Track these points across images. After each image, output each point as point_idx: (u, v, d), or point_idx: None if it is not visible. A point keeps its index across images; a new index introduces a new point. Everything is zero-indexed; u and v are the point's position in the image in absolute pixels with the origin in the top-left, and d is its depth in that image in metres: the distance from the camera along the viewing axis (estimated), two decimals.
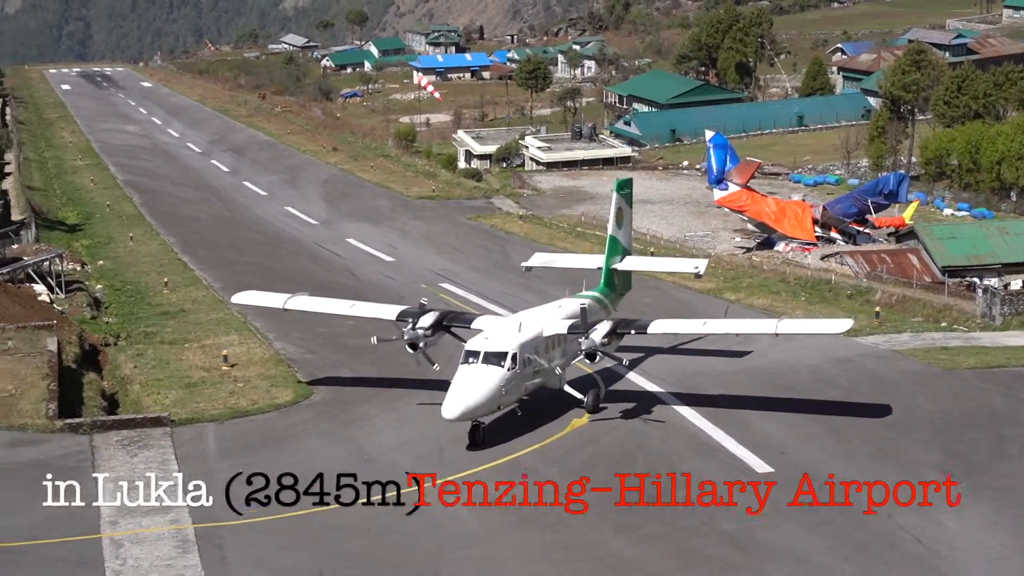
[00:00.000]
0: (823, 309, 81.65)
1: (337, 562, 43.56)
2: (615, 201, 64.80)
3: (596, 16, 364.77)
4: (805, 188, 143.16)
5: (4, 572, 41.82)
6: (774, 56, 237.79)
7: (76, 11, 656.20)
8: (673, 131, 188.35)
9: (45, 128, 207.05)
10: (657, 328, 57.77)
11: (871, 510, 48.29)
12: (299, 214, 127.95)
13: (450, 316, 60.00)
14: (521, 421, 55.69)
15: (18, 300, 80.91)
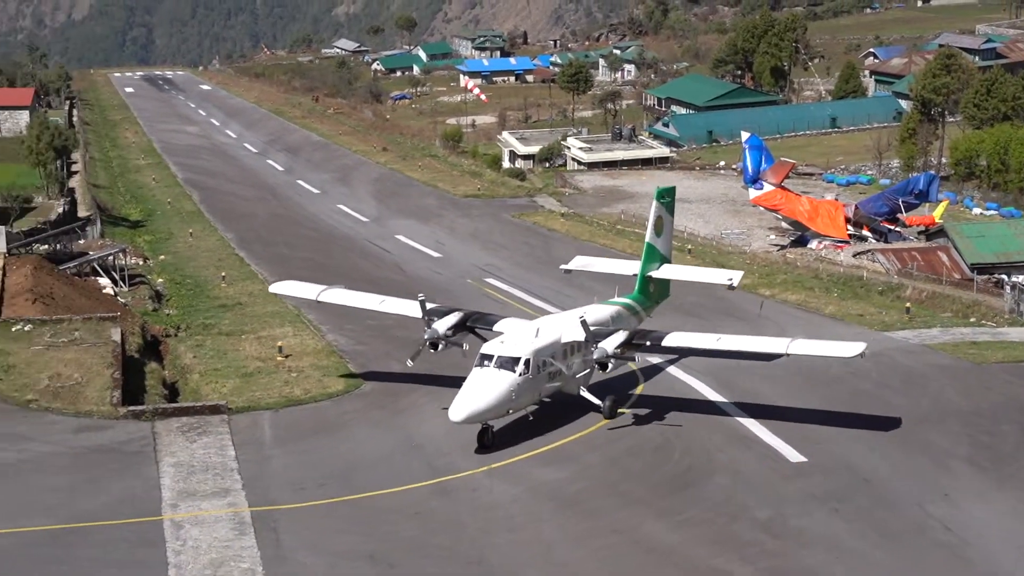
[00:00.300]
0: (855, 305, 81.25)
1: (388, 544, 43.60)
2: (654, 209, 62.87)
3: (636, 21, 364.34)
4: (838, 188, 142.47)
5: (72, 551, 42.04)
6: (808, 60, 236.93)
7: (140, 17, 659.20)
8: (710, 132, 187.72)
9: (110, 129, 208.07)
10: (672, 341, 55.74)
11: (901, 499, 48.23)
12: (350, 211, 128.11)
13: (474, 317, 58.50)
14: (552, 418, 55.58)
15: (84, 293, 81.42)
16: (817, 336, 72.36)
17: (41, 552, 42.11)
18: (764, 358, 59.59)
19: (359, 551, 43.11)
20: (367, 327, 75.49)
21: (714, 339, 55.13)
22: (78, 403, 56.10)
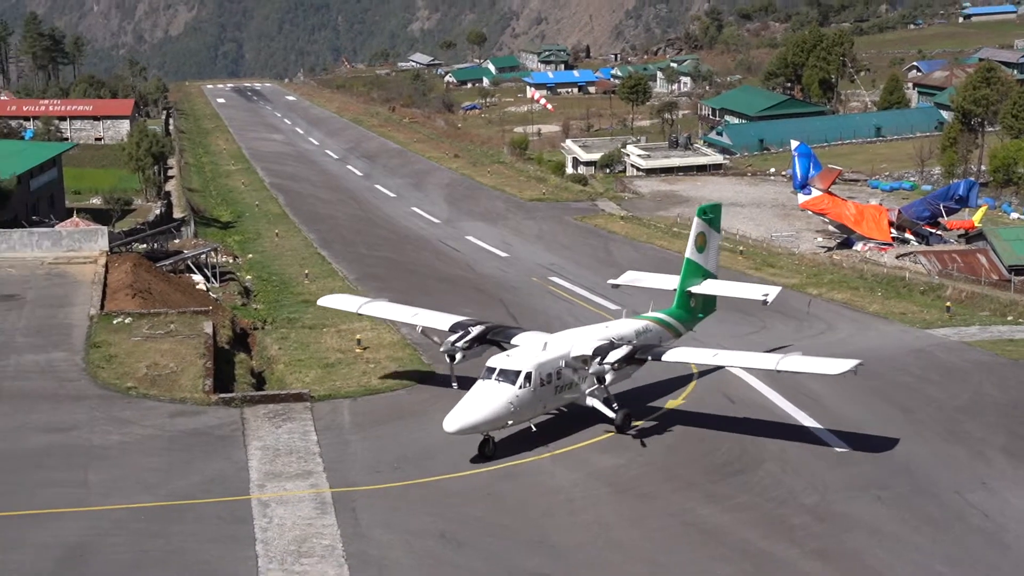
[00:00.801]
0: (898, 304, 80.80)
1: (457, 524, 43.77)
2: (696, 225, 59.56)
3: (692, 37, 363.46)
4: (882, 193, 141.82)
5: (168, 527, 42.45)
6: (854, 73, 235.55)
7: (230, 33, 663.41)
8: (761, 141, 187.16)
9: (203, 137, 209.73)
10: (671, 356, 52.40)
11: (940, 487, 48.03)
12: (424, 214, 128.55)
13: (494, 331, 55.09)
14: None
15: (179, 288, 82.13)
16: (863, 331, 72.47)
17: (141, 527, 42.58)
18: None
19: (431, 530, 43.31)
20: None
21: (711, 355, 52.61)
22: (173, 390, 56.63)
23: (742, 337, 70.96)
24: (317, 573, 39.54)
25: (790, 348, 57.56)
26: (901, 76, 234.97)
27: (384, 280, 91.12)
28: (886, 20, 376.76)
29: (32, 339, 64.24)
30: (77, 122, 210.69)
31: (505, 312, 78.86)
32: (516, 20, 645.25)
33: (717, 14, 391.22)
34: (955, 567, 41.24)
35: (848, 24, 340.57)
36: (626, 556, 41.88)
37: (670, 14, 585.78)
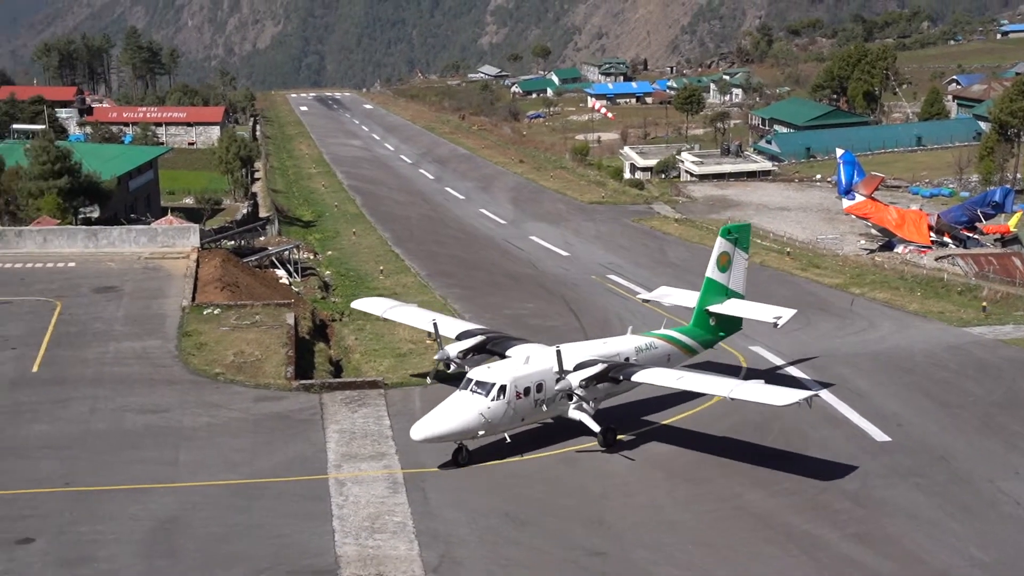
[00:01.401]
0: (936, 303, 79.98)
1: (520, 504, 43.81)
2: (718, 245, 56.48)
3: (743, 51, 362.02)
4: (922, 199, 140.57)
5: (253, 502, 42.74)
6: (897, 86, 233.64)
7: (313, 46, 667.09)
8: (808, 149, 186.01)
9: (287, 142, 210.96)
10: (640, 377, 48.52)
11: (975, 476, 47.65)
12: (491, 215, 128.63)
13: (494, 341, 52.18)
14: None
15: (264, 282, 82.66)
16: (902, 328, 71.84)
17: (228, 502, 42.95)
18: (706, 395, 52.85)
19: (495, 509, 43.37)
20: (504, 316, 75.79)
21: (675, 377, 48.27)
22: (258, 376, 57.00)
23: (788, 333, 70.36)
24: (389, 548, 39.68)
25: (752, 377, 55.21)
26: (941, 89, 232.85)
27: (454, 276, 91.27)
28: (927, 36, 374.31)
29: (130, 328, 64.87)
30: (172, 128, 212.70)
31: (566, 307, 78.79)
32: (579, 35, 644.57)
33: (768, 30, 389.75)
34: (988, 551, 41.00)
35: (891, 40, 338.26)
36: (679, 537, 41.79)
37: (723, 29, 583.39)
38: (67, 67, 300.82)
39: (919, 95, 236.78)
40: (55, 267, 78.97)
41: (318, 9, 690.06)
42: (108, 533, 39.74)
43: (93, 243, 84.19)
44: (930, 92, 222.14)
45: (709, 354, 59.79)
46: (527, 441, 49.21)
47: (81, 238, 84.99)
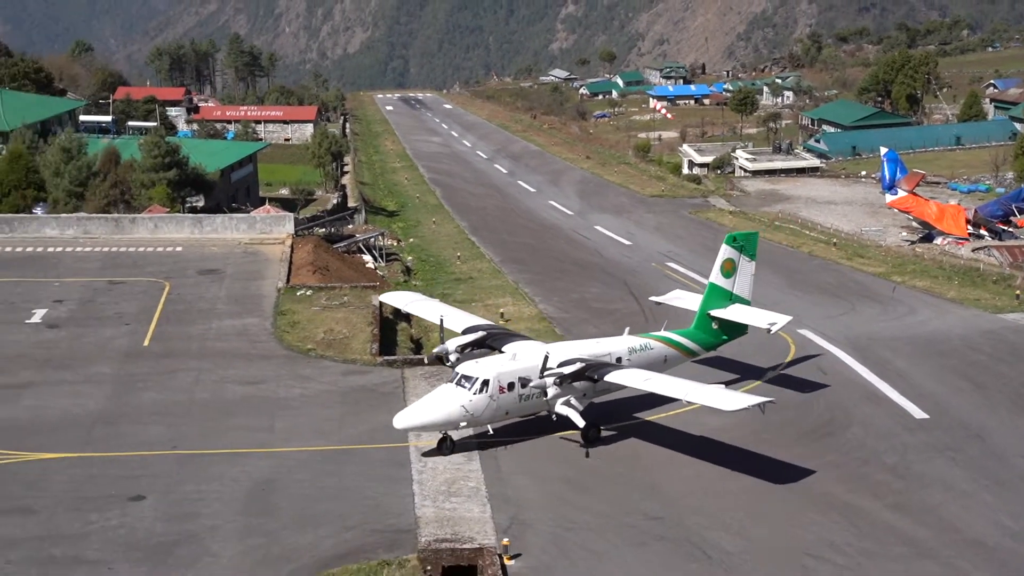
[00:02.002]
0: (972, 291, 78.91)
1: (581, 472, 43.96)
2: (722, 252, 53.78)
3: (795, 56, 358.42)
4: (960, 195, 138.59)
5: (341, 467, 43.12)
6: (938, 89, 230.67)
7: (398, 51, 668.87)
8: (854, 147, 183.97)
9: (373, 139, 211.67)
10: (613, 377, 45.56)
11: (1007, 452, 47.23)
12: (559, 206, 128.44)
13: (493, 337, 49.17)
14: None
15: (351, 266, 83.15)
16: (940, 314, 71.11)
17: (318, 466, 43.43)
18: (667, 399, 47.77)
19: (559, 476, 43.55)
20: (571, 300, 75.81)
21: (643, 379, 45.04)
22: (345, 352, 57.41)
23: (834, 317, 70.05)
24: (464, 510, 39.92)
25: (710, 382, 49.04)
26: (979, 92, 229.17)
27: (524, 263, 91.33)
28: (967, 43, 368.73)
29: (230, 307, 65.60)
30: (270, 125, 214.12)
31: (628, 292, 78.57)
32: (642, 41, 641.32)
33: (817, 37, 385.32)
34: (1018, 521, 40.85)
35: (933, 47, 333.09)
36: (729, 503, 41.74)
37: (776, 36, 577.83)
38: (177, 70, 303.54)
39: (958, 98, 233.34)
40: (164, 251, 79.92)
41: (403, 17, 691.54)
42: (210, 492, 40.29)
43: (198, 230, 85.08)
44: (969, 95, 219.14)
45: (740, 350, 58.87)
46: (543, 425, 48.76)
47: (188, 225, 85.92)
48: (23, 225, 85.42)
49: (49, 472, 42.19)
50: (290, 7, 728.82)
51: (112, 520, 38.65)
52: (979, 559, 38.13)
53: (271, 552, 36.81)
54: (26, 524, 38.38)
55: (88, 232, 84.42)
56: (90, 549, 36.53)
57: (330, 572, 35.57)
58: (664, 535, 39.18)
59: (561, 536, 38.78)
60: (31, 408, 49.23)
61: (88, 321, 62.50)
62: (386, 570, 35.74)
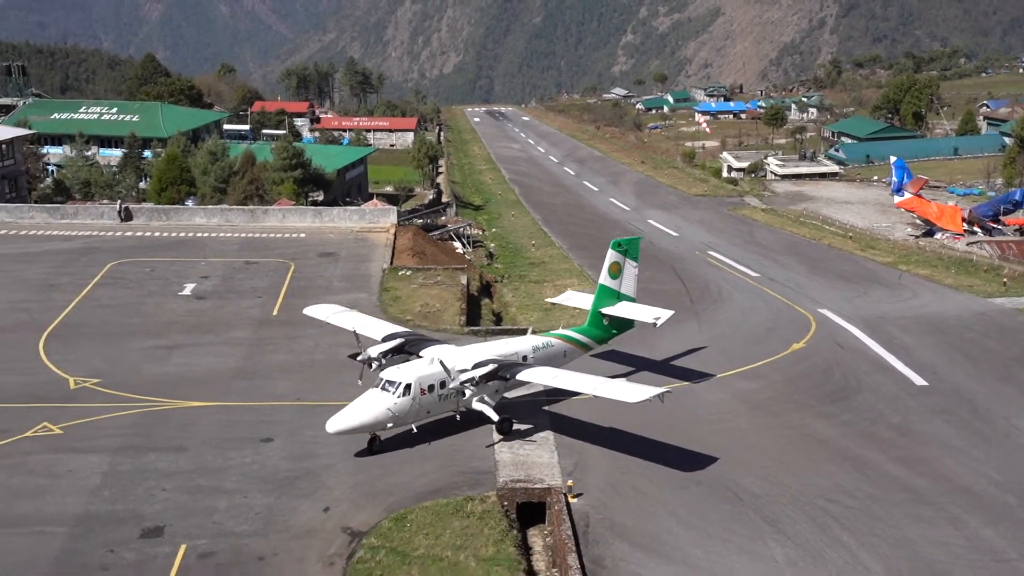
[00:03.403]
0: (966, 279, 77.38)
1: (633, 426, 43.71)
2: (609, 256, 48.69)
3: (819, 78, 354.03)
4: (957, 197, 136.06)
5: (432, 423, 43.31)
6: (939, 108, 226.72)
7: (485, 72, 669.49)
8: (867, 156, 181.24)
9: (463, 145, 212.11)
10: (523, 376, 41.55)
11: (993, 414, 46.42)
12: (618, 203, 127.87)
13: (411, 343, 44.28)
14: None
15: (444, 251, 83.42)
16: (939, 297, 69.87)
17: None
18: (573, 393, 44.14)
19: (615, 428, 43.45)
20: None
21: (551, 376, 41.20)
22: (438, 323, 57.49)
23: (849, 300, 69.03)
24: (535, 456, 39.92)
25: (618, 376, 46.65)
26: (974, 111, 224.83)
27: (588, 250, 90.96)
28: (964, 69, 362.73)
29: (344, 284, 66.03)
30: (378, 133, 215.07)
31: (675, 276, 78.02)
32: (689, 64, 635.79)
33: (838, 63, 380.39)
34: (1002, 472, 40.37)
35: (935, 72, 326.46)
36: (758, 455, 41.43)
37: (803, 62, 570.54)
38: (302, 87, 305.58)
39: (956, 115, 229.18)
40: (290, 237, 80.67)
41: (490, 44, 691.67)
42: (326, 437, 40.56)
43: (318, 219, 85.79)
44: (965, 113, 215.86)
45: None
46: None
47: (310, 215, 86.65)
48: (177, 214, 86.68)
49: (196, 417, 42.84)
50: (396, 35, 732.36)
51: (247, 458, 39.17)
52: (968, 504, 37.60)
53: (375, 487, 37.05)
54: (178, 460, 39.01)
55: (229, 220, 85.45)
56: (229, 481, 37.06)
57: (424, 504, 35.77)
58: (702, 480, 38.95)
59: (616, 479, 38.68)
60: (181, 364, 49.99)
61: (228, 294, 63.28)
62: (470, 504, 35.86)
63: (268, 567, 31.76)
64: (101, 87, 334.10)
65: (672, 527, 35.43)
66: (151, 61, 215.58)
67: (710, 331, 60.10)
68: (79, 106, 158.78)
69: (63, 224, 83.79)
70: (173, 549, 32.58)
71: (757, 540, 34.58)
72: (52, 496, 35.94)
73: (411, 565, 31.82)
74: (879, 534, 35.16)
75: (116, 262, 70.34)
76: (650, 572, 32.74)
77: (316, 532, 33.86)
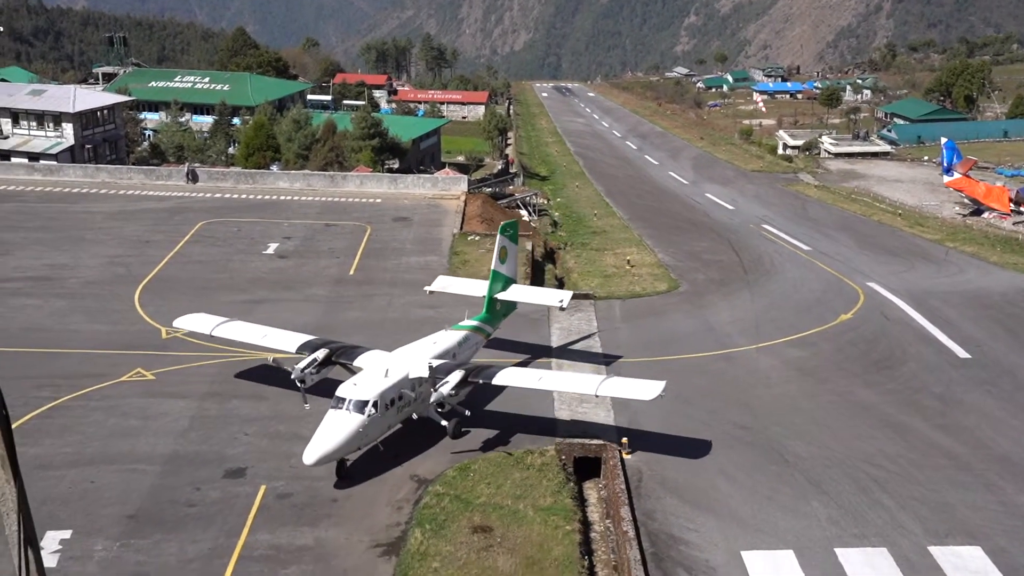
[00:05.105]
0: (1012, 257, 75.65)
1: (687, 389, 43.55)
2: (498, 241, 44.44)
3: (874, 61, 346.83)
4: (1005, 178, 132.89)
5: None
6: (990, 92, 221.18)
7: (553, 49, 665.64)
8: (919, 137, 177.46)
9: (531, 119, 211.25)
10: (500, 379, 37.35)
11: None
12: (677, 176, 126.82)
13: (338, 352, 39.12)
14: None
15: (511, 218, 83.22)
16: (984, 274, 68.42)
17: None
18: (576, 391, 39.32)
19: (669, 391, 42.80)
20: (684, 251, 74.77)
21: (536, 378, 37.54)
22: None
23: (897, 274, 67.87)
24: (592, 414, 39.95)
25: (611, 373, 44.03)
26: None
27: (648, 221, 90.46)
28: (1016, 55, 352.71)
29: (417, 247, 66.36)
30: (451, 106, 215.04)
31: (730, 247, 77.21)
32: (749, 46, 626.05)
33: (893, 46, 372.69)
34: None
35: (988, 57, 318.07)
36: (804, 419, 41.06)
37: (859, 45, 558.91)
38: (381, 61, 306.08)
39: (1007, 99, 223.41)
40: (367, 202, 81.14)
41: (559, 23, 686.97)
42: None
43: (393, 186, 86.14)
44: (1016, 97, 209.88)
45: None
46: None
47: (386, 182, 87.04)
48: (263, 179, 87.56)
49: (275, 368, 43.30)
50: (470, 14, 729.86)
51: (324, 407, 39.49)
52: (1005, 472, 36.96)
53: (443, 439, 37.32)
54: (259, 407, 39.63)
55: (310, 185, 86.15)
56: (305, 428, 37.48)
57: (487, 456, 36.01)
58: (751, 441, 38.71)
59: (667, 439, 38.57)
60: (263, 319, 50.42)
61: (308, 254, 63.91)
62: (529, 457, 36.01)
63: (340, 508, 32.22)
64: (195, 58, 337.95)
65: (720, 484, 35.30)
66: (241, 34, 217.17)
67: (762, 300, 59.53)
68: (174, 75, 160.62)
69: (158, 185, 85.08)
70: (254, 489, 33.18)
71: (801, 499, 34.34)
72: (145, 437, 36.74)
73: (473, 512, 32.08)
74: (918, 497, 34.73)
75: (206, 222, 71.33)
76: (698, 526, 32.69)
77: (386, 479, 34.24)
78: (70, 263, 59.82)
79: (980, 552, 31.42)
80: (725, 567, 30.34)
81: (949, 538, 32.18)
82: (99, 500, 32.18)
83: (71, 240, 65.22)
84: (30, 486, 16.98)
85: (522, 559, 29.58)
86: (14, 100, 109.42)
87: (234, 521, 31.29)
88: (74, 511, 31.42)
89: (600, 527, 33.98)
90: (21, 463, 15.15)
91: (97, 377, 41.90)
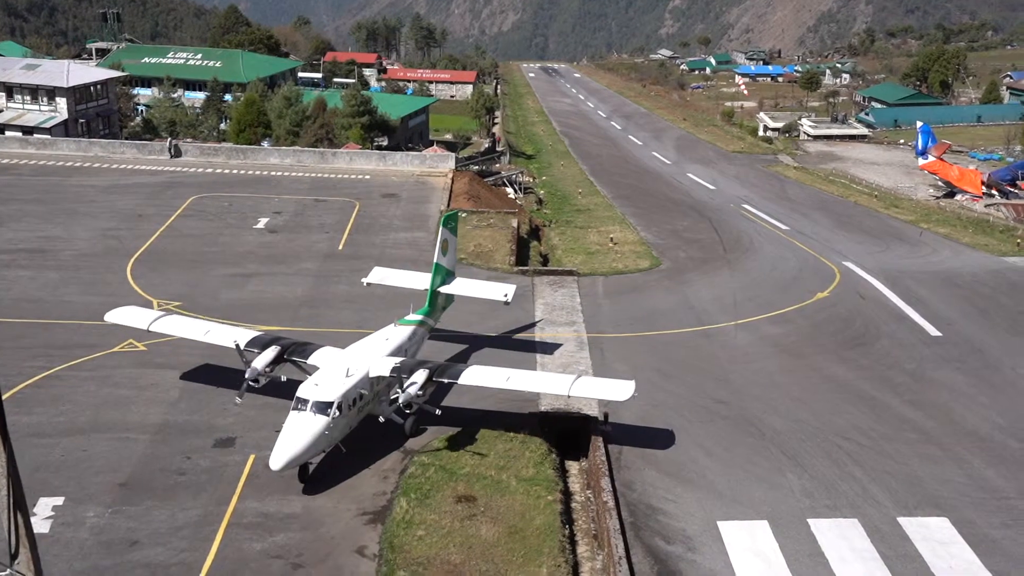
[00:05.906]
0: (983, 238, 75.87)
1: (668, 363, 43.68)
2: (440, 233, 42.10)
3: (853, 46, 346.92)
4: (977, 161, 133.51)
5: (483, 350, 43.45)
6: (965, 77, 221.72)
7: (540, 30, 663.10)
8: (895, 120, 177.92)
9: (518, 98, 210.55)
10: (466, 378, 34.55)
11: (1001, 363, 45.74)
12: (660, 157, 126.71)
13: (291, 349, 36.04)
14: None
15: (497, 196, 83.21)
16: (956, 254, 68.63)
17: (471, 347, 44.06)
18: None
19: (650, 365, 43.29)
20: (666, 230, 74.78)
21: (504, 378, 34.83)
22: (490, 262, 57.55)
23: (872, 254, 68.06)
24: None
25: (583, 372, 41.62)
26: (998, 81, 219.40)
27: (631, 199, 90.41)
28: (990, 42, 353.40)
29: (404, 223, 66.13)
30: (440, 85, 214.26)
31: (711, 226, 77.23)
32: (732, 29, 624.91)
33: (871, 32, 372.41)
34: (1006, 417, 39.99)
35: (963, 43, 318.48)
36: (781, 394, 41.21)
37: (838, 30, 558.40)
38: (371, 39, 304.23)
39: (981, 85, 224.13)
40: (356, 178, 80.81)
41: (546, 4, 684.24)
42: None
43: (382, 163, 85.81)
44: (989, 83, 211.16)
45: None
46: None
47: (375, 159, 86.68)
48: (254, 154, 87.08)
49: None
50: None
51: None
52: (973, 446, 37.25)
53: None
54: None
55: (301, 161, 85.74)
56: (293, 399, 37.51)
57: (471, 428, 36.06)
58: (728, 415, 38.86)
59: (648, 412, 38.67)
60: (255, 292, 50.53)
61: (298, 228, 63.66)
62: (513, 429, 36.07)
63: (327, 477, 32.22)
64: (187, 34, 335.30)
65: (698, 457, 35.45)
66: (233, 12, 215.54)
67: (741, 278, 59.64)
68: (167, 51, 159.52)
69: (150, 159, 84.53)
70: (243, 458, 33.16)
71: (776, 472, 34.53)
72: (136, 406, 36.64)
73: (457, 482, 32.15)
74: (889, 470, 34.96)
75: (197, 196, 70.93)
76: (675, 496, 32.85)
77: (372, 448, 34.26)
78: (63, 236, 59.45)
79: (947, 523, 31.69)
80: (701, 536, 30.52)
81: (918, 510, 32.43)
82: (91, 468, 32.11)
83: (65, 213, 64.77)
84: (23, 454, 16.90)
85: (505, 528, 29.69)
86: (9, 74, 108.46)
87: (224, 489, 31.28)
88: (66, 478, 31.35)
89: (581, 498, 34.12)
90: (14, 431, 15.08)
91: (89, 348, 41.74)
